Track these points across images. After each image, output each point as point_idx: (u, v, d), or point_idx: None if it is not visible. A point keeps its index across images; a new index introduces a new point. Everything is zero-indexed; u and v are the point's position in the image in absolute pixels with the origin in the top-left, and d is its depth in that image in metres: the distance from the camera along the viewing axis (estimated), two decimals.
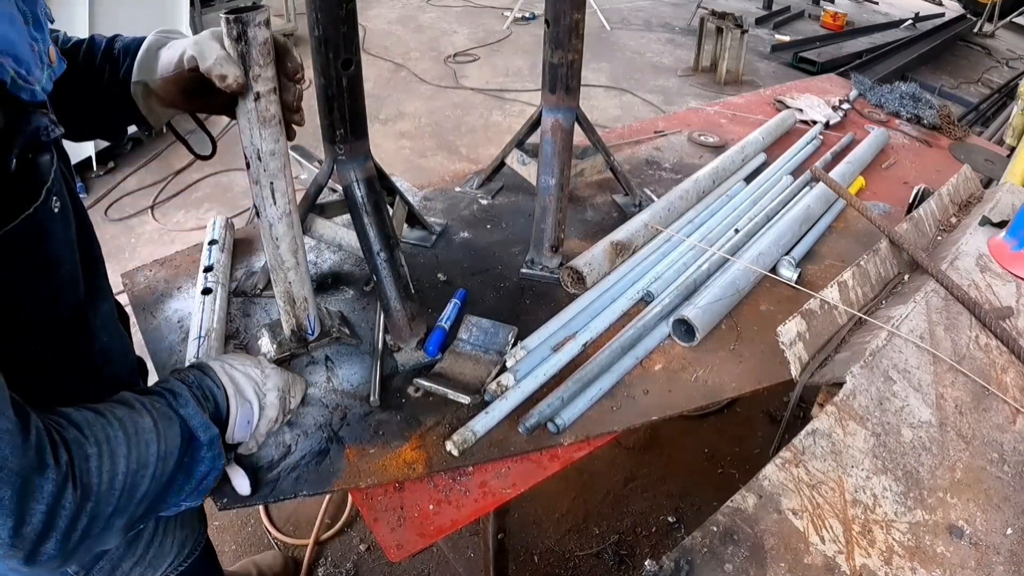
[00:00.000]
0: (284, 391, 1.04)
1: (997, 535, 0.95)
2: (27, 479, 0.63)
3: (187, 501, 0.86)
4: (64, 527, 0.66)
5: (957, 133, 2.37)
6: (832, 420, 1.05)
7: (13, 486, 0.61)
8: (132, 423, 0.75)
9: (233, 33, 0.86)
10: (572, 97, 1.43)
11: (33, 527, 0.64)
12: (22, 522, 0.63)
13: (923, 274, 1.39)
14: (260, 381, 0.99)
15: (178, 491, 0.83)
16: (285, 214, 1.03)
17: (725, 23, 5.42)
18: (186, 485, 0.84)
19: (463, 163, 4.16)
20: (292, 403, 1.08)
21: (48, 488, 0.65)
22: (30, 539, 0.64)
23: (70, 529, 0.67)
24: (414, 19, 6.69)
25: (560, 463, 1.11)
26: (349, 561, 1.97)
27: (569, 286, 1.46)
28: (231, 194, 3.68)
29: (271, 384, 1.01)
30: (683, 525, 2.11)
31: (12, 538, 0.62)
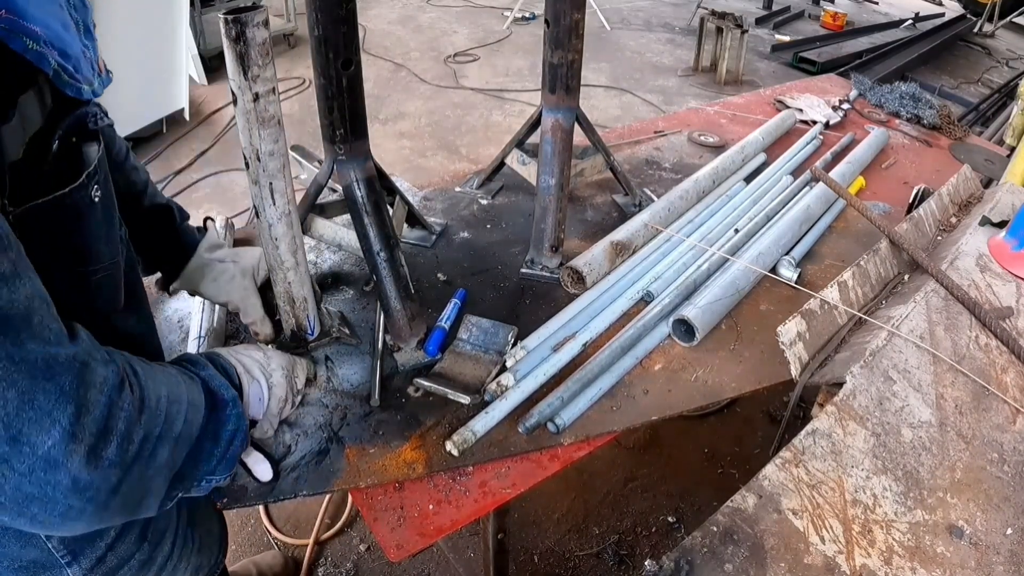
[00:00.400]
0: (288, 370, 1.05)
1: (997, 535, 0.95)
2: (87, 365, 0.63)
3: (217, 473, 0.86)
4: (123, 430, 0.66)
5: (957, 133, 2.37)
6: (832, 420, 1.05)
7: (73, 371, 0.62)
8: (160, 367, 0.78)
9: (232, 34, 0.87)
10: (572, 97, 1.43)
11: (94, 418, 0.63)
12: (84, 410, 0.62)
13: (923, 274, 1.39)
14: (264, 362, 1.01)
15: (208, 457, 0.83)
16: (284, 214, 1.03)
17: (725, 23, 5.42)
18: (215, 450, 0.84)
19: (463, 163, 4.16)
20: (299, 382, 1.09)
21: (110, 379, 0.66)
22: (91, 432, 0.63)
23: (128, 435, 0.67)
24: (414, 19, 6.69)
25: (560, 463, 1.11)
26: (349, 561, 1.97)
27: (569, 286, 1.46)
28: (231, 194, 3.68)
29: (275, 364, 1.02)
30: (683, 525, 2.11)
31: (73, 426, 0.61)
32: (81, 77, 0.66)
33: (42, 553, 0.84)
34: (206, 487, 0.87)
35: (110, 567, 0.92)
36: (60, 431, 0.60)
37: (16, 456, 0.59)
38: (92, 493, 0.64)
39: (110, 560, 0.91)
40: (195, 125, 4.28)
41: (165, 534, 1.00)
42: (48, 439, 0.60)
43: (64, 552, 0.86)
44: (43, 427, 0.59)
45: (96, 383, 0.64)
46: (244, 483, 1.04)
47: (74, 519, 0.65)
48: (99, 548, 0.89)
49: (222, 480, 0.89)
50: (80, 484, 0.63)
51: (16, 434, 0.58)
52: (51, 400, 0.60)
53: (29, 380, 0.58)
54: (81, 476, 0.62)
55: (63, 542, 0.85)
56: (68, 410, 0.61)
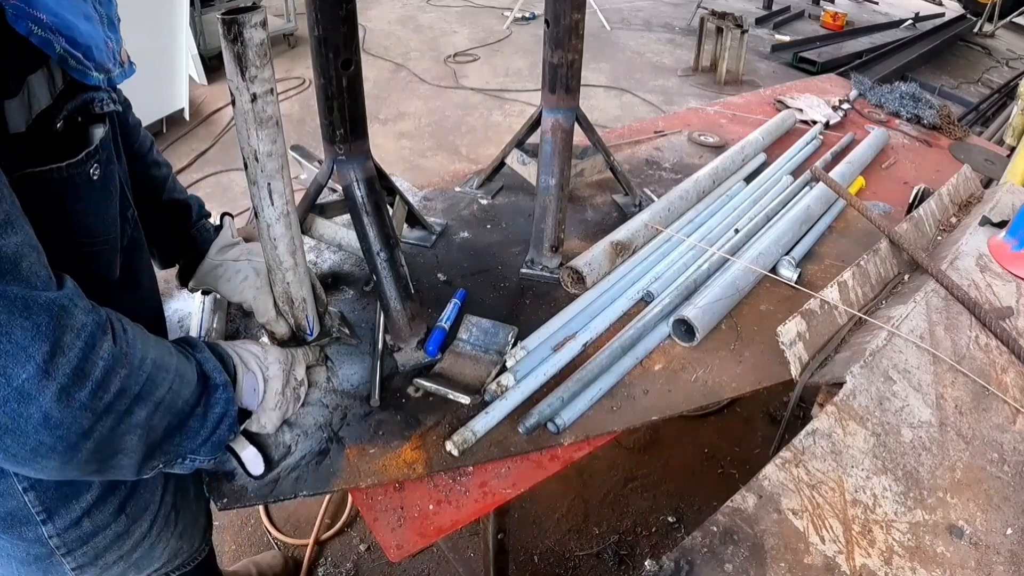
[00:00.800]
0: (285, 364, 1.06)
1: (997, 535, 0.95)
2: (65, 309, 0.67)
3: (201, 453, 0.87)
4: (99, 378, 0.69)
5: (957, 133, 2.37)
6: (832, 420, 1.05)
7: (51, 312, 0.65)
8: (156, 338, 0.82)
9: (229, 34, 0.87)
10: (572, 97, 1.43)
11: (68, 360, 0.66)
12: (58, 350, 0.66)
13: (923, 274, 1.39)
14: (261, 356, 1.02)
15: (193, 435, 0.85)
16: (283, 215, 1.03)
17: (725, 23, 5.42)
18: (201, 430, 0.86)
19: (463, 163, 4.16)
20: (298, 375, 1.09)
21: (88, 326, 0.69)
22: (64, 372, 0.66)
23: (104, 383, 0.70)
24: (414, 19, 6.69)
25: (560, 463, 1.11)
26: (349, 561, 1.97)
27: (569, 286, 1.46)
28: (231, 194, 3.68)
29: (272, 358, 1.03)
30: (683, 525, 2.11)
31: (47, 363, 0.65)
32: (92, 64, 0.70)
33: (18, 505, 0.85)
34: (189, 465, 0.88)
35: (85, 532, 0.92)
36: (34, 366, 0.64)
37: None
38: (62, 432, 0.67)
39: (85, 525, 0.91)
40: (195, 125, 4.29)
41: (146, 511, 1.00)
42: (22, 372, 0.63)
43: (40, 508, 0.86)
44: (18, 360, 0.63)
45: (74, 327, 0.67)
46: (244, 483, 1.04)
47: (44, 456, 0.67)
48: (74, 510, 0.89)
49: (206, 462, 0.90)
50: (51, 421, 0.66)
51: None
52: (27, 336, 0.63)
53: (7, 315, 0.62)
54: (52, 413, 0.65)
55: (39, 498, 0.85)
56: (43, 348, 0.64)
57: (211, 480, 1.05)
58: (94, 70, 0.71)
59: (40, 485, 0.85)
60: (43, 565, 0.91)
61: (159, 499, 1.03)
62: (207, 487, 1.04)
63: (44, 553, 0.90)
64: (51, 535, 0.89)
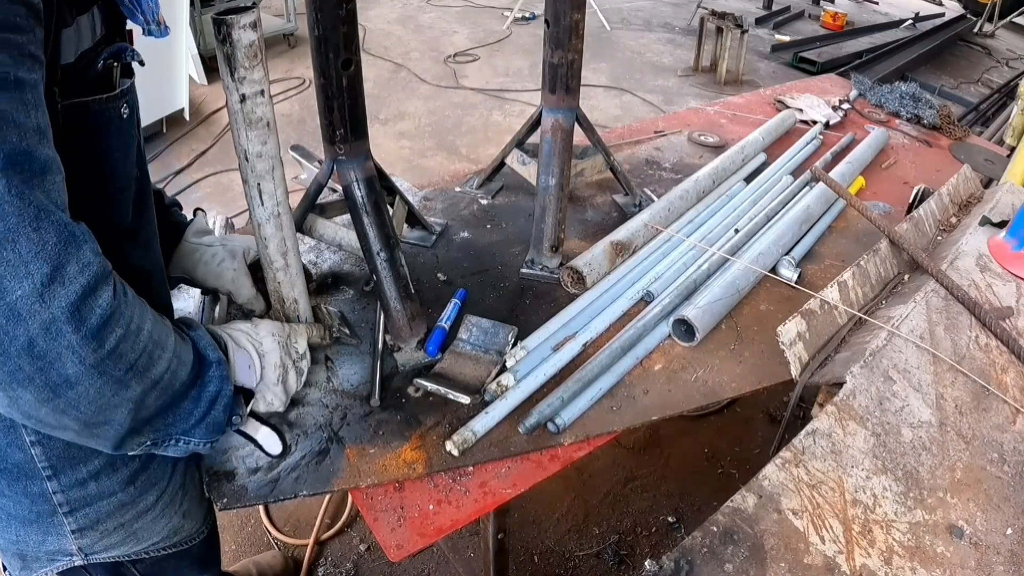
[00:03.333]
0: (280, 336, 1.03)
1: (997, 535, 0.95)
2: (75, 238, 0.66)
3: (195, 435, 0.87)
4: (93, 326, 0.68)
5: (957, 133, 2.37)
6: (832, 420, 1.05)
7: (60, 234, 0.64)
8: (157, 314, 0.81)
9: (219, 35, 0.87)
10: (572, 97, 1.43)
11: (67, 293, 0.65)
12: (58, 277, 0.64)
13: (923, 274, 1.39)
14: (252, 332, 1.00)
15: (185, 416, 0.84)
16: (273, 215, 1.03)
17: (725, 23, 5.42)
18: (195, 410, 0.85)
19: (463, 163, 4.16)
20: (299, 348, 1.07)
21: (93, 266, 0.68)
22: (59, 304, 0.65)
23: (98, 334, 0.68)
24: (414, 19, 6.69)
25: (560, 463, 1.11)
26: (349, 561, 1.97)
27: (569, 286, 1.46)
28: (231, 194, 3.68)
29: (263, 332, 1.01)
30: (683, 525, 2.11)
31: (44, 288, 0.63)
32: (139, 9, 0.78)
33: (25, 458, 0.84)
34: (183, 448, 0.87)
35: (90, 494, 0.91)
36: (31, 285, 0.62)
37: None
38: (43, 365, 0.65)
39: (91, 488, 0.91)
40: (195, 125, 4.29)
41: (154, 486, 0.99)
42: (18, 288, 0.62)
43: (46, 464, 0.86)
44: (17, 275, 0.62)
45: (80, 260, 0.66)
46: (244, 483, 1.04)
47: (21, 384, 0.65)
48: (80, 472, 0.89)
49: (201, 445, 0.88)
50: (35, 349, 0.64)
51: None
52: (32, 250, 0.62)
53: (17, 218, 0.61)
54: (38, 341, 0.64)
55: (46, 454, 0.85)
56: (43, 268, 0.63)
57: (211, 480, 1.05)
58: (140, 13, 0.78)
59: (48, 441, 0.84)
60: (44, 525, 0.91)
61: (169, 476, 1.02)
62: (207, 487, 1.04)
63: (47, 511, 0.89)
64: (55, 491, 0.88)
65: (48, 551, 0.94)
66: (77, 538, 0.94)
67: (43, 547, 0.94)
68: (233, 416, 0.92)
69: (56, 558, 0.96)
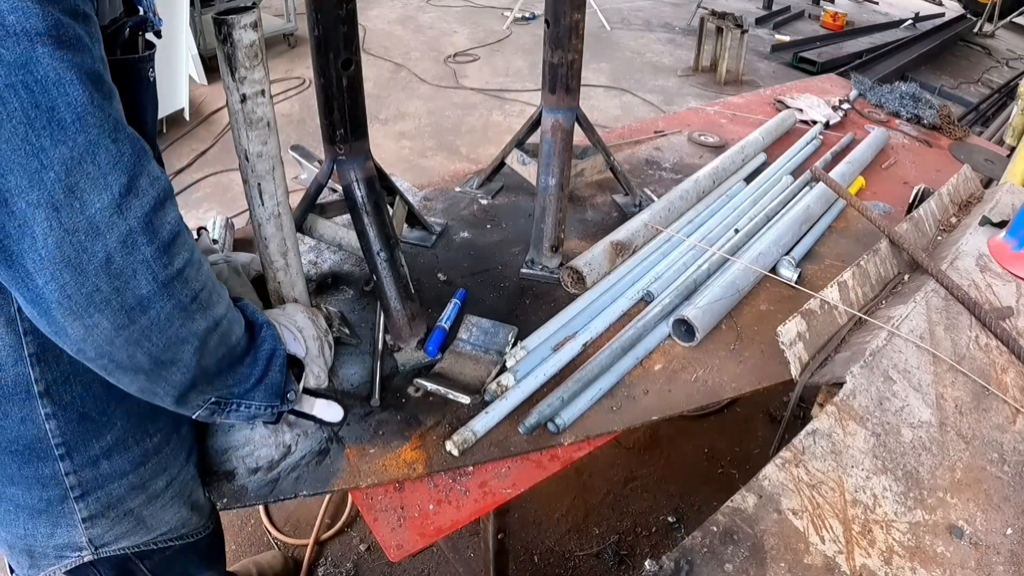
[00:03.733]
0: (307, 313, 1.09)
1: (997, 535, 0.95)
2: (146, 152, 0.69)
3: (256, 397, 0.90)
4: (165, 240, 0.71)
5: (957, 133, 2.37)
6: (832, 420, 1.05)
7: (134, 146, 0.68)
8: None
9: (220, 35, 0.87)
10: (572, 97, 1.43)
11: (141, 204, 0.68)
12: (134, 188, 0.67)
13: (923, 274, 1.39)
14: (282, 313, 1.06)
15: (245, 377, 0.88)
16: (273, 215, 1.03)
17: (725, 23, 5.41)
18: (253, 369, 0.88)
19: (463, 163, 4.15)
20: (321, 324, 1.12)
21: (162, 180, 0.71)
22: (135, 215, 0.67)
23: (168, 250, 0.71)
24: (414, 19, 6.69)
25: (560, 463, 1.11)
26: (349, 561, 1.97)
27: (569, 286, 1.46)
28: (231, 194, 3.68)
29: (293, 310, 1.07)
30: (683, 525, 2.11)
31: (121, 197, 0.66)
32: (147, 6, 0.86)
33: (39, 435, 0.84)
34: (245, 413, 0.90)
35: (102, 474, 0.91)
36: (109, 197, 0.65)
37: (67, 208, 0.63)
38: (119, 285, 0.67)
39: (103, 466, 0.90)
40: (195, 125, 4.29)
41: (165, 471, 0.98)
42: (97, 201, 0.65)
43: (60, 440, 0.85)
44: (97, 187, 0.64)
45: (151, 174, 0.70)
46: (244, 483, 1.04)
47: (98, 308, 0.67)
48: (93, 448, 0.88)
49: (263, 410, 0.92)
50: (112, 265, 0.66)
51: (73, 184, 0.63)
52: (110, 162, 0.65)
53: (98, 130, 0.64)
54: (115, 256, 0.66)
55: (60, 428, 0.84)
56: (121, 179, 0.66)
57: (211, 480, 1.05)
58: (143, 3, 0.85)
59: (63, 414, 0.84)
60: (54, 514, 0.90)
61: (181, 463, 1.01)
62: (206, 488, 1.04)
63: (57, 496, 0.88)
64: (68, 471, 0.87)
65: (57, 545, 0.93)
66: (88, 528, 0.93)
67: (52, 541, 0.93)
68: (288, 392, 0.95)
69: (65, 553, 0.95)
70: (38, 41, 0.60)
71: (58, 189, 0.63)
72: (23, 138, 0.61)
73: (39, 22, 0.60)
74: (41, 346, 0.79)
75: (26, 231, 0.63)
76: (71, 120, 0.62)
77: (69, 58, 0.62)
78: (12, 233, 0.63)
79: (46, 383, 0.81)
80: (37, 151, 0.62)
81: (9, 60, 0.59)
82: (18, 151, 0.61)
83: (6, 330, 0.76)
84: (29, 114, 0.61)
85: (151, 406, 0.91)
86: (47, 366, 0.80)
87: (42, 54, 0.60)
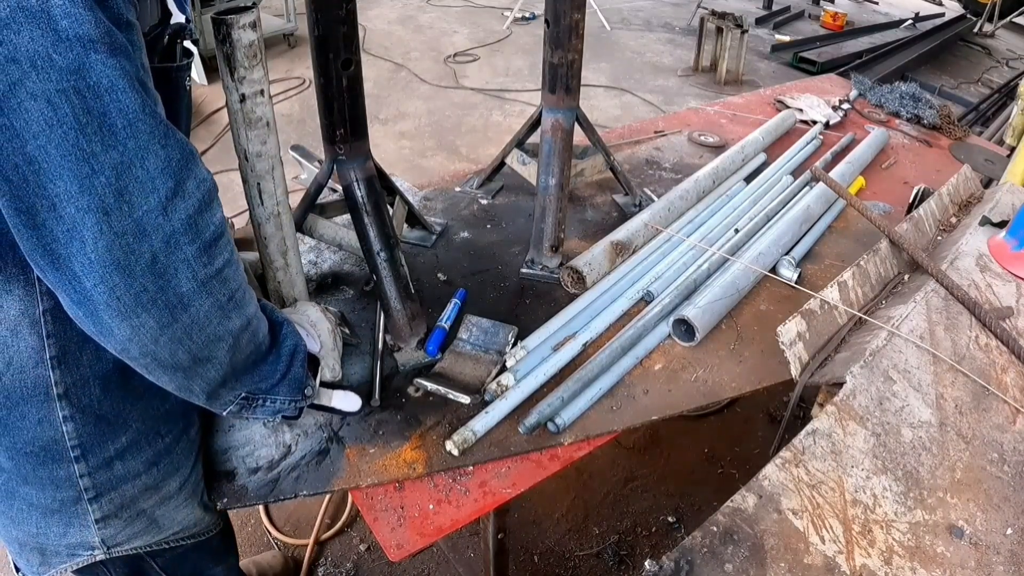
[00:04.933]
0: (319, 308, 1.10)
1: (997, 535, 0.95)
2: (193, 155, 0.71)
3: (281, 392, 0.92)
4: (207, 240, 0.72)
5: (957, 133, 2.37)
6: (832, 420, 1.05)
7: (183, 151, 0.69)
8: None
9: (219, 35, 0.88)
10: (572, 97, 1.43)
11: (187, 207, 0.69)
12: (180, 191, 0.69)
13: (923, 274, 1.39)
14: (296, 310, 1.07)
15: (270, 374, 0.89)
16: (273, 215, 1.03)
17: (725, 23, 5.41)
18: (277, 365, 0.90)
19: (463, 163, 4.15)
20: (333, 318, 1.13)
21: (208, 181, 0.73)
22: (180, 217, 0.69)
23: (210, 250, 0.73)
24: (414, 19, 6.69)
25: (560, 463, 1.11)
26: (349, 561, 1.97)
27: (569, 286, 1.46)
28: (231, 194, 3.67)
29: (305, 306, 1.08)
30: (683, 525, 2.11)
31: (168, 200, 0.68)
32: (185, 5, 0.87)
33: (55, 437, 0.84)
34: (271, 408, 0.91)
35: (116, 475, 0.91)
36: (156, 200, 0.67)
37: (116, 212, 0.64)
38: (163, 283, 0.69)
39: (117, 467, 0.90)
40: (195, 125, 4.28)
41: (177, 471, 0.98)
42: (145, 204, 0.66)
43: (76, 443, 0.85)
44: (145, 191, 0.66)
45: (197, 176, 0.71)
46: (244, 483, 1.04)
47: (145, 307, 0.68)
48: (108, 450, 0.88)
49: (287, 406, 0.93)
50: (157, 265, 0.68)
51: (122, 189, 0.64)
52: (158, 167, 0.66)
53: (148, 136, 0.65)
54: (160, 256, 0.68)
55: (77, 430, 0.85)
56: (168, 183, 0.67)
57: (211, 480, 1.05)
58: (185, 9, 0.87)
59: (80, 416, 0.84)
60: (67, 514, 0.90)
61: (192, 463, 1.02)
62: (207, 489, 1.04)
63: (71, 497, 0.89)
64: (82, 473, 0.88)
65: (69, 544, 0.93)
66: (100, 528, 0.93)
67: (64, 540, 0.93)
68: (306, 388, 0.96)
69: (77, 552, 0.95)
70: (91, 48, 0.61)
71: (108, 193, 0.63)
72: (74, 143, 0.61)
73: (92, 28, 0.60)
74: (62, 349, 0.80)
75: (75, 235, 0.64)
76: (122, 126, 0.63)
77: (120, 64, 0.63)
78: (60, 237, 0.64)
79: (65, 385, 0.82)
80: (88, 156, 0.62)
81: (62, 65, 0.60)
82: (68, 156, 0.62)
83: (30, 332, 0.77)
84: (81, 120, 0.61)
85: (164, 408, 0.92)
86: (67, 369, 0.81)
87: (95, 60, 0.61)
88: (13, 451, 0.84)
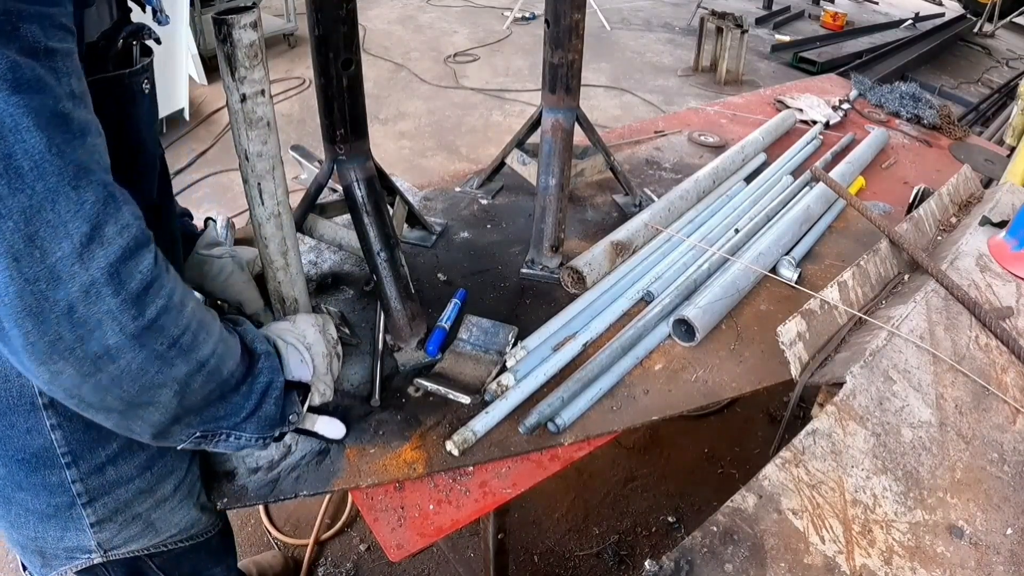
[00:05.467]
0: (319, 326, 1.05)
1: (997, 535, 0.95)
2: (114, 199, 0.66)
3: (247, 430, 0.87)
4: (134, 291, 0.67)
5: (957, 133, 2.37)
6: (832, 420, 1.05)
7: (99, 193, 0.64)
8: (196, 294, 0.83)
9: (219, 34, 0.87)
10: (572, 97, 1.43)
11: (106, 254, 0.65)
12: (97, 238, 0.64)
13: (923, 274, 1.39)
14: (293, 328, 1.02)
15: (237, 410, 0.84)
16: (273, 215, 1.03)
17: (725, 23, 5.41)
18: (245, 403, 0.85)
19: (463, 163, 4.15)
20: (332, 334, 1.09)
21: (132, 228, 0.67)
22: (98, 266, 0.64)
23: (138, 301, 0.68)
24: (414, 19, 6.69)
25: (560, 463, 1.11)
26: (349, 561, 1.97)
27: (569, 286, 1.46)
28: (231, 194, 3.68)
29: (304, 324, 1.03)
30: (683, 525, 2.11)
31: (82, 246, 0.63)
32: None
33: (45, 444, 0.83)
34: (234, 444, 0.87)
35: (109, 480, 0.90)
36: (70, 245, 0.62)
37: (27, 258, 0.60)
38: (83, 333, 0.64)
39: (109, 473, 0.90)
40: (195, 125, 4.28)
41: (172, 474, 0.98)
42: (58, 249, 0.62)
43: (66, 450, 0.85)
44: (57, 235, 0.61)
45: (118, 221, 0.66)
46: (244, 483, 1.04)
47: (61, 355, 0.64)
48: (99, 456, 0.88)
49: (254, 441, 0.88)
50: (75, 314, 0.63)
51: (32, 233, 0.61)
52: (71, 210, 0.62)
53: (57, 178, 0.61)
54: (77, 306, 0.63)
55: (66, 438, 0.84)
56: (82, 228, 0.63)
57: (211, 480, 1.05)
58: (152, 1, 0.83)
59: (68, 424, 0.84)
60: (62, 519, 0.90)
61: (187, 466, 1.01)
62: (207, 489, 1.04)
63: (65, 503, 0.89)
64: (74, 479, 0.87)
65: (67, 547, 0.94)
66: (96, 532, 0.93)
67: (62, 543, 0.93)
68: (290, 415, 0.92)
69: (75, 555, 0.95)
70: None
71: (17, 239, 0.60)
72: None
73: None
74: None
75: None
76: (29, 168, 0.60)
77: (25, 103, 0.59)
78: None
79: (50, 395, 0.80)
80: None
81: None
82: None
83: None
84: None
85: None
86: None
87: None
88: (6, 459, 0.84)
